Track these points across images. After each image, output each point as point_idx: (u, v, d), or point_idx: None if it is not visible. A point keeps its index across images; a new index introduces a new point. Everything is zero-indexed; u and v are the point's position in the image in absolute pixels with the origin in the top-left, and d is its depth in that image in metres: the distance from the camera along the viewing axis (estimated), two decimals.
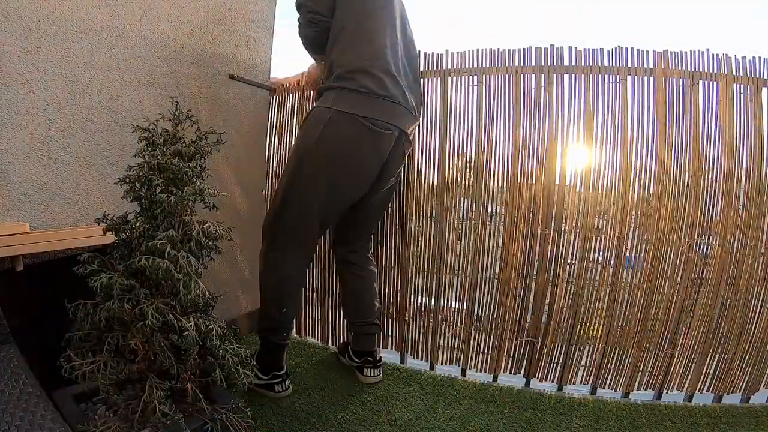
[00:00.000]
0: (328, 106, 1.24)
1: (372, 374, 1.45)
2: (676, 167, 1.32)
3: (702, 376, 1.39)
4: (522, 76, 1.41)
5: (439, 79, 1.49)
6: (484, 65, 1.44)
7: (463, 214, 1.52)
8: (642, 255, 1.37)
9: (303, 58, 1.58)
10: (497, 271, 1.48)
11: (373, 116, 1.24)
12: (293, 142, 1.67)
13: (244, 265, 1.79)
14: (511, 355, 1.51)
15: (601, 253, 1.40)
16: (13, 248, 0.93)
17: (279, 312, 1.32)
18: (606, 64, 1.34)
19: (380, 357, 1.50)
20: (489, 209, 1.48)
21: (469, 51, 1.46)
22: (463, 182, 1.51)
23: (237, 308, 1.78)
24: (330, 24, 1.31)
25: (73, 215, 1.15)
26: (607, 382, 1.44)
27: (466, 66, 1.46)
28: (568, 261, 1.42)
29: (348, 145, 1.24)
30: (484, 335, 1.53)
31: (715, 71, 1.30)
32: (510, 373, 1.52)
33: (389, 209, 1.59)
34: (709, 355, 1.37)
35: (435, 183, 1.53)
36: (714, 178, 1.32)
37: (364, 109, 1.23)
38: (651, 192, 1.34)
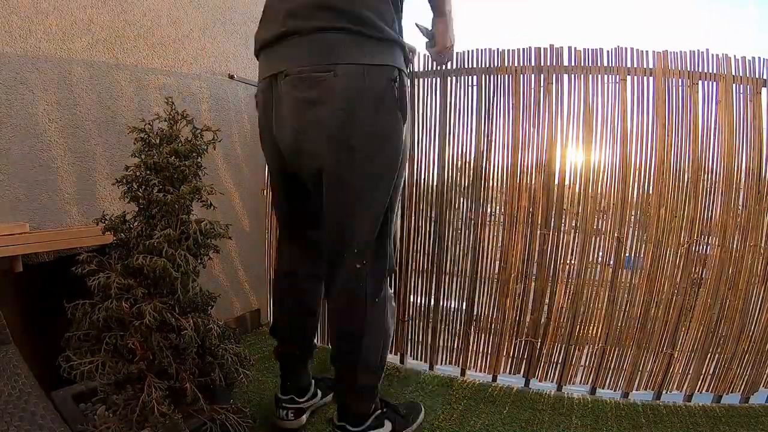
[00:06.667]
0: None
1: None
2: (676, 167, 1.32)
3: (701, 376, 1.39)
4: (521, 76, 1.41)
5: (439, 79, 1.49)
6: (483, 65, 1.44)
7: (462, 214, 1.52)
8: (642, 255, 1.37)
9: None
10: (497, 270, 1.48)
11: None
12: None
13: (242, 265, 1.79)
14: (511, 355, 1.50)
15: (600, 253, 1.40)
16: (13, 248, 0.93)
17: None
18: (605, 64, 1.34)
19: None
20: (489, 209, 1.48)
21: (468, 51, 1.46)
22: (463, 182, 1.51)
23: (237, 308, 1.78)
24: None
25: (73, 215, 1.15)
26: (607, 382, 1.44)
27: (466, 66, 1.46)
28: (568, 261, 1.42)
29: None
30: (483, 335, 1.53)
31: (715, 71, 1.29)
32: (509, 373, 1.52)
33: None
34: (709, 355, 1.37)
35: (435, 183, 1.53)
36: (713, 179, 1.32)
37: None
38: (650, 192, 1.34)
